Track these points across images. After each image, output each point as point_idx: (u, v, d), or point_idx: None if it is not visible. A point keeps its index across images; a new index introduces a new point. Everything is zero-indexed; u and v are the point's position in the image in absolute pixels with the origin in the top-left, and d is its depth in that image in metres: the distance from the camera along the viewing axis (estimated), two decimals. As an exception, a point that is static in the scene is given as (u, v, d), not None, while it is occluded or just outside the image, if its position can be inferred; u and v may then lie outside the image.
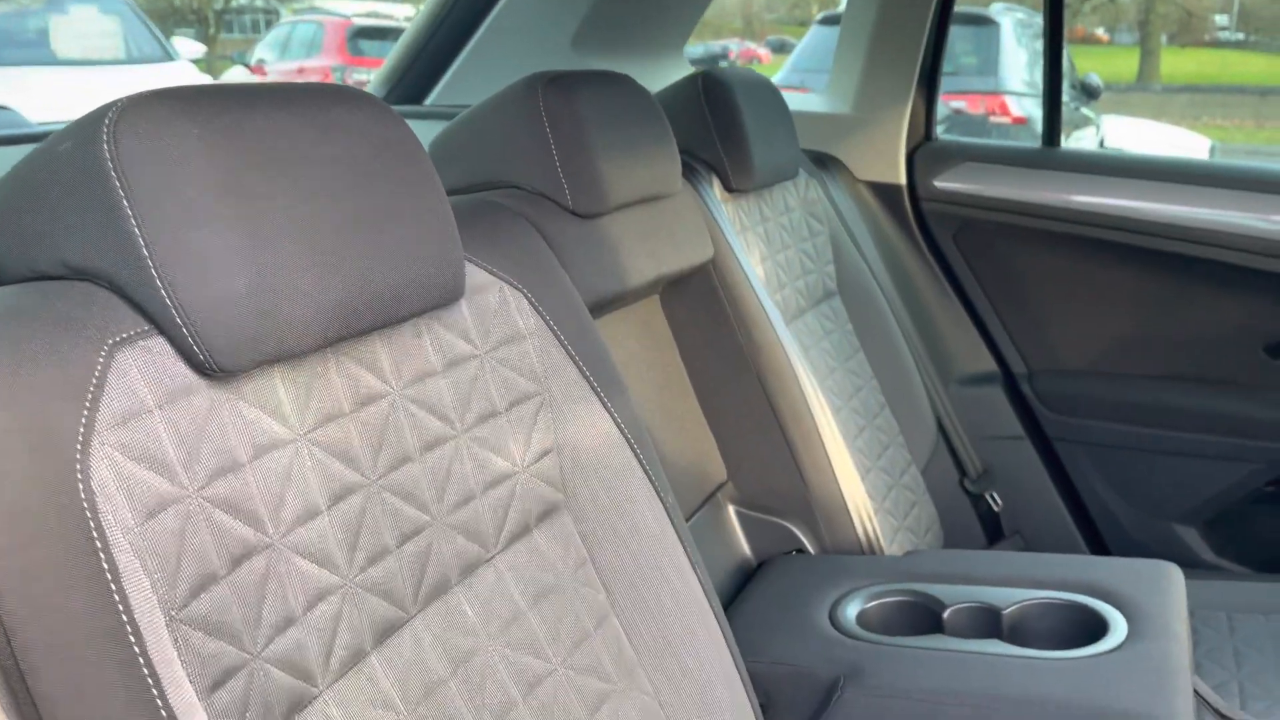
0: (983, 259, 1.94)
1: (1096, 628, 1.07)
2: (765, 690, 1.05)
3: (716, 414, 1.38)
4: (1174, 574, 1.15)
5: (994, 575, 1.20)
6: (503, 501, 0.87)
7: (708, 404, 1.39)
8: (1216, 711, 1.09)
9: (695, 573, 1.00)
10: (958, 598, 1.16)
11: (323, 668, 0.68)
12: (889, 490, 1.65)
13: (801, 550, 1.36)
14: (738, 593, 1.27)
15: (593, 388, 0.97)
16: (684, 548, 1.00)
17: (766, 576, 1.27)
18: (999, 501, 1.91)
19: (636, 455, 0.99)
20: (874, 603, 1.18)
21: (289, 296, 0.66)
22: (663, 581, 0.98)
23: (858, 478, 1.40)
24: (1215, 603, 1.63)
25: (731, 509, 1.38)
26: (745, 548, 1.37)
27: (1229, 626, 1.59)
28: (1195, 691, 0.97)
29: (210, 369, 0.63)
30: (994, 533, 1.90)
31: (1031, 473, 1.94)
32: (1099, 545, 1.91)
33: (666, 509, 1.00)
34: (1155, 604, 1.08)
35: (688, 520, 1.29)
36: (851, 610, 1.16)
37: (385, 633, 0.74)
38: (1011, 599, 1.14)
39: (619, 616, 0.94)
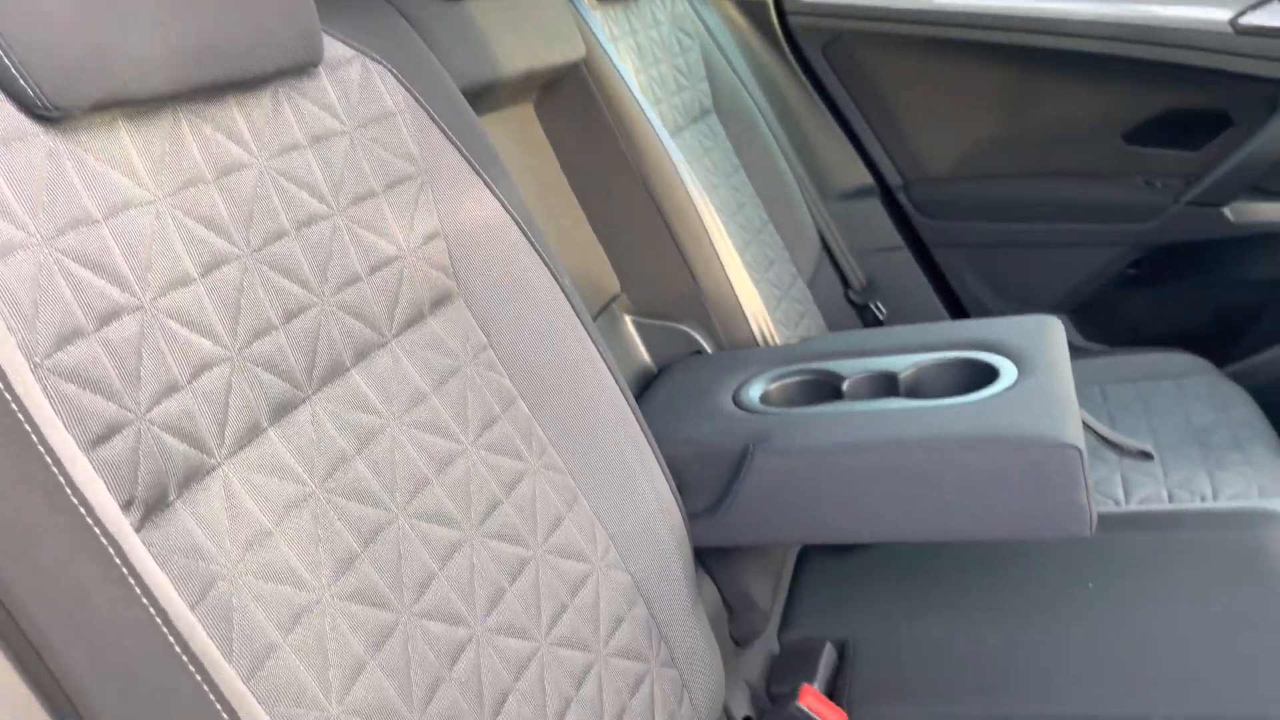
0: (852, 71, 1.94)
1: (988, 376, 1.10)
2: (676, 470, 1.05)
3: (603, 224, 1.35)
4: (1055, 325, 1.19)
5: (888, 346, 1.22)
6: (391, 286, 0.83)
7: (593, 214, 1.36)
8: (1101, 436, 1.15)
9: (599, 353, 0.99)
10: (855, 369, 1.18)
11: (218, 439, 0.64)
12: (778, 303, 1.66)
13: (700, 352, 1.36)
14: (641, 396, 1.26)
15: (474, 169, 0.92)
16: (586, 330, 0.98)
17: (669, 374, 1.27)
18: (883, 311, 1.95)
19: (528, 238, 0.96)
20: (776, 384, 1.19)
21: (124, 29, 0.60)
22: (567, 364, 0.96)
23: (749, 280, 1.40)
24: (1088, 378, 1.72)
25: (628, 319, 1.37)
26: (645, 355, 1.37)
27: (1102, 395, 1.69)
28: (1083, 422, 1.01)
29: (42, 107, 0.57)
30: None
31: (912, 281, 1.99)
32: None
33: (564, 291, 0.97)
34: (1040, 349, 1.12)
35: (584, 332, 1.27)
36: (755, 391, 1.17)
37: (281, 410, 0.70)
38: (906, 363, 1.17)
39: (526, 400, 0.92)
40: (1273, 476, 1.37)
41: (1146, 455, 1.12)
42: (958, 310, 2.00)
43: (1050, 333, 1.17)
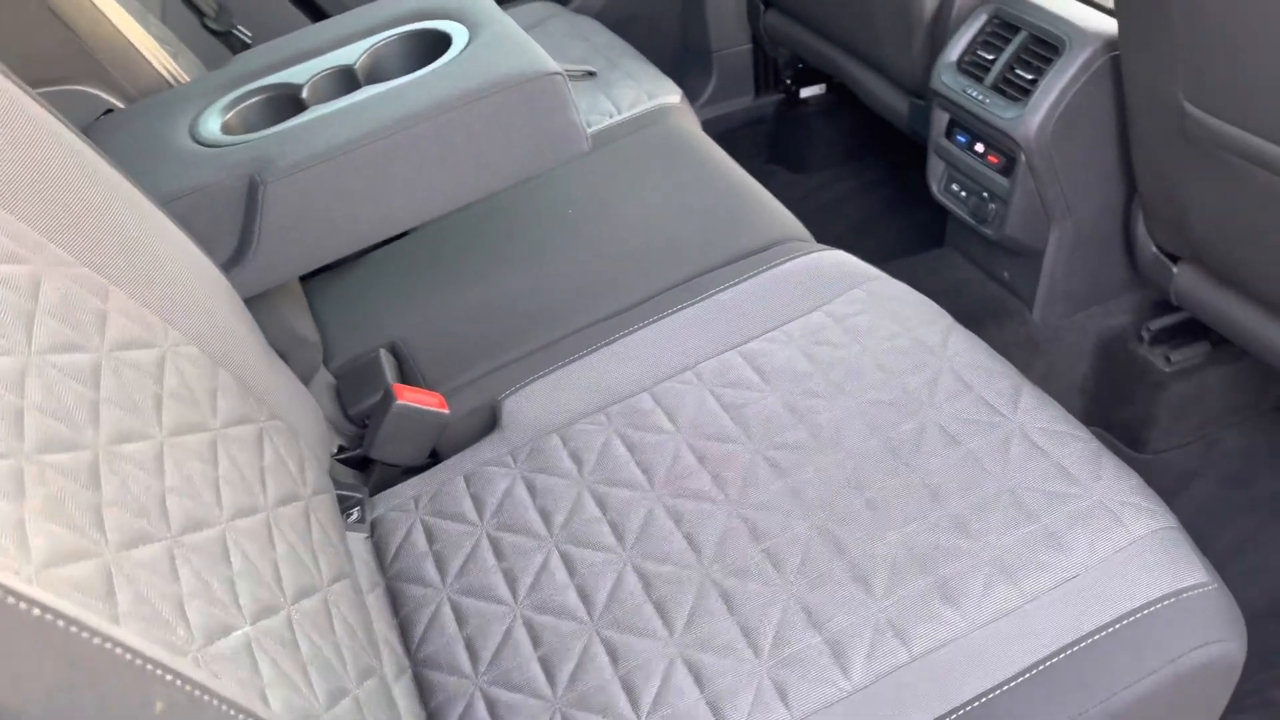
0: None
1: (440, 40, 1.11)
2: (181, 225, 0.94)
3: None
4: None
5: (327, 42, 1.16)
6: None
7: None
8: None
9: (44, 109, 0.81)
10: (307, 74, 1.11)
11: None
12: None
13: (111, 111, 1.17)
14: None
15: None
16: (16, 86, 0.80)
17: (94, 137, 1.08)
18: (248, 34, 1.81)
19: None
20: (232, 112, 1.09)
21: None
22: (8, 129, 0.78)
23: (131, 19, 1.20)
24: None
25: (1, 97, 1.11)
26: (44, 134, 1.13)
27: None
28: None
29: None
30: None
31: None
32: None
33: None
34: (471, 4, 1.15)
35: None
36: (212, 125, 1.06)
37: None
38: (356, 52, 1.13)
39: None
40: (650, 80, 1.61)
41: (591, 74, 1.24)
42: (319, 13, 1.93)
43: (476, -8, 1.20)
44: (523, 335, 1.17)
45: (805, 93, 2.23)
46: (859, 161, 2.23)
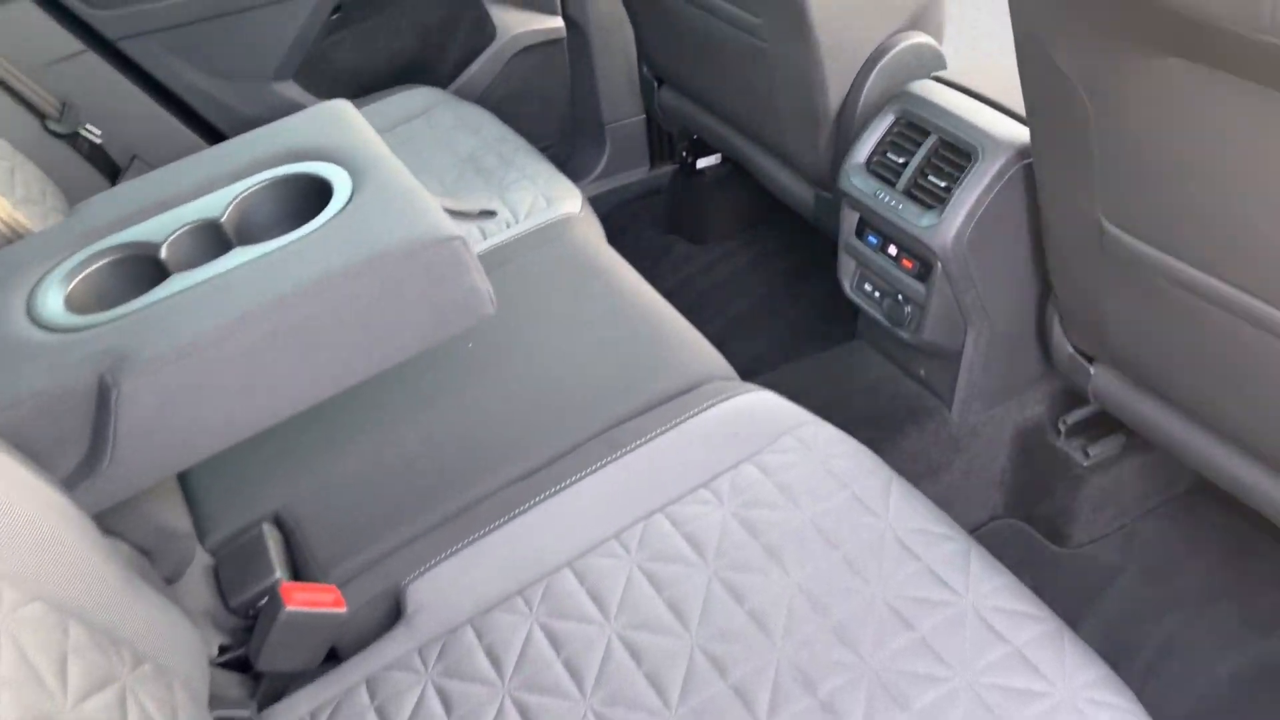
0: None
1: (318, 188, 1.00)
2: (17, 440, 0.80)
3: None
4: (345, 107, 1.11)
5: (189, 190, 1.03)
6: None
7: None
8: (447, 210, 1.14)
9: None
10: (166, 229, 0.98)
11: None
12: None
13: (-69, 274, 1.01)
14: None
15: None
16: None
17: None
18: (97, 133, 1.64)
19: None
20: (77, 280, 0.95)
21: None
22: None
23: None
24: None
25: None
26: None
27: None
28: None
29: None
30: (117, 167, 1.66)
31: (112, 88, 1.68)
32: (215, 136, 1.80)
33: None
34: (353, 141, 1.04)
35: None
36: (54, 300, 0.92)
37: None
38: (221, 203, 1.00)
39: None
40: (546, 181, 1.51)
41: (490, 214, 1.13)
42: (179, 104, 1.77)
43: (348, 117, 1.08)
44: (425, 504, 1.06)
45: (701, 163, 2.18)
46: (758, 230, 2.18)
